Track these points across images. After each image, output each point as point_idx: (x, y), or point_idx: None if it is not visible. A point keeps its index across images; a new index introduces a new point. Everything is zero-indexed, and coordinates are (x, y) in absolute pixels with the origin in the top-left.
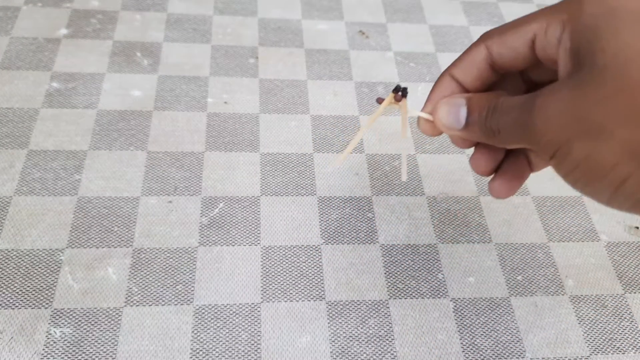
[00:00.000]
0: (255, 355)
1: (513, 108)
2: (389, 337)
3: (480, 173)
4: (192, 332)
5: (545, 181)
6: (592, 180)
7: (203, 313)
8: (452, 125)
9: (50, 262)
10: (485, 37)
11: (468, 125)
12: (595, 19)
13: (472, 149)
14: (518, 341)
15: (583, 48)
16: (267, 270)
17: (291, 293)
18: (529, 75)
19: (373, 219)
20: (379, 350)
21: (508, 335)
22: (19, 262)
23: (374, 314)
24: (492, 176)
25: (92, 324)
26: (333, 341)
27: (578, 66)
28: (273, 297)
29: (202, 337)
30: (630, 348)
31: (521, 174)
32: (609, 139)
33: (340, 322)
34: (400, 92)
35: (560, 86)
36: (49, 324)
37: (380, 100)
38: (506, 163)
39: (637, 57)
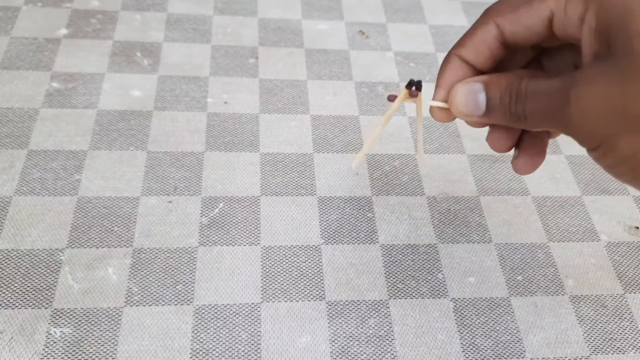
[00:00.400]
0: (255, 355)
1: (541, 95)
2: (389, 337)
3: (499, 151)
4: (192, 332)
5: (545, 181)
6: None
7: (203, 313)
8: (472, 113)
9: (50, 262)
10: (493, 13)
11: (489, 111)
12: None
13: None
14: (518, 341)
15: (614, 29)
16: (267, 270)
17: (291, 293)
18: (539, 44)
19: (373, 219)
20: (379, 350)
21: (508, 335)
22: (19, 262)
23: (374, 314)
24: (512, 152)
25: (92, 324)
26: (333, 341)
27: (609, 49)
28: (273, 297)
29: (202, 337)
30: (630, 348)
31: (543, 147)
32: None
33: (340, 322)
34: (414, 87)
35: (595, 74)
36: (49, 324)
37: (392, 98)
38: (526, 138)
39: None
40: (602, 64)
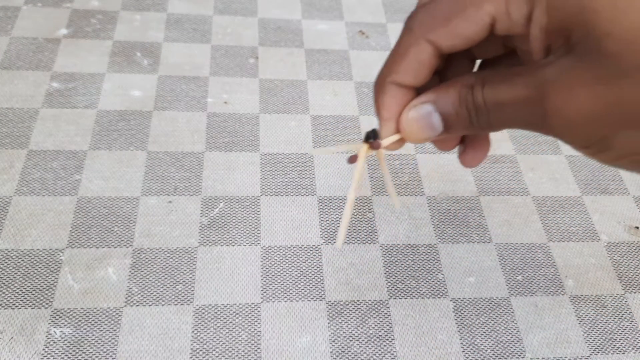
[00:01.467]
0: (255, 355)
1: (507, 106)
2: (389, 337)
3: (446, 150)
4: (192, 332)
5: (545, 181)
6: None
7: (203, 313)
8: (429, 136)
9: (50, 262)
10: (421, 30)
11: (448, 128)
12: None
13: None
14: (518, 341)
15: (578, 30)
16: (267, 270)
17: (291, 293)
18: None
19: (373, 219)
20: (379, 350)
21: (508, 335)
22: (19, 262)
23: (374, 314)
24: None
25: (92, 324)
26: (333, 341)
27: (570, 48)
28: (273, 297)
29: (202, 337)
30: (630, 348)
31: (487, 137)
32: None
33: (340, 322)
34: (372, 139)
35: (569, 79)
36: (49, 324)
37: (353, 159)
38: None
39: None
40: (570, 65)
